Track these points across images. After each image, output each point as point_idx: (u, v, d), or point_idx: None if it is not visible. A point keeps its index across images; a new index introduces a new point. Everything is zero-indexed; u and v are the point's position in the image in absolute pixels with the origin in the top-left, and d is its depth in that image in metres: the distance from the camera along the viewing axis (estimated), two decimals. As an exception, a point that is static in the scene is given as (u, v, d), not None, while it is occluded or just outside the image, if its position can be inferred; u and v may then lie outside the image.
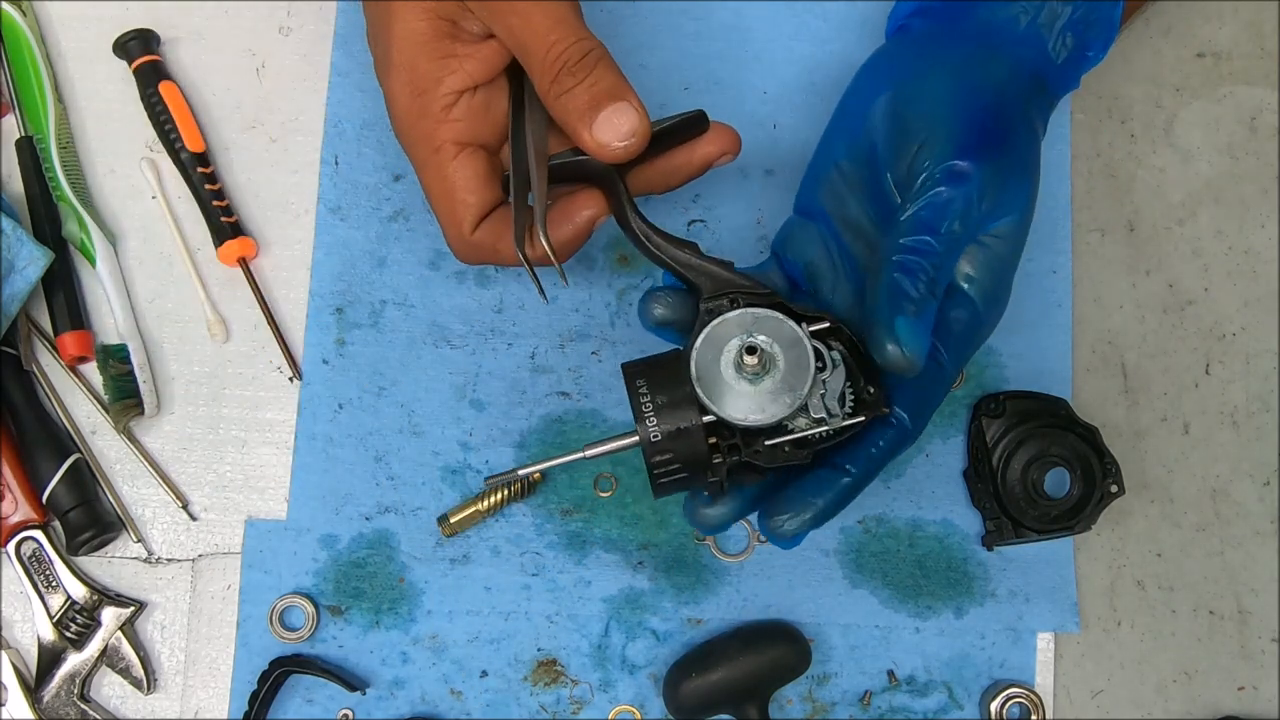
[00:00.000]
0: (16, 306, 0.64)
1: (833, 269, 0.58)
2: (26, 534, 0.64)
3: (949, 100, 0.55)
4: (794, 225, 0.61)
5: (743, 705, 0.62)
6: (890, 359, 0.51)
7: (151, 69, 0.67)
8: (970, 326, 0.55)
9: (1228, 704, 0.66)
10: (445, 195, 0.56)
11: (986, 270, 0.55)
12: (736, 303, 0.53)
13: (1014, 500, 0.65)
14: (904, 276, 0.52)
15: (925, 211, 0.53)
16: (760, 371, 0.52)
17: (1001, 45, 0.58)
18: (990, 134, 0.55)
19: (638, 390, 0.52)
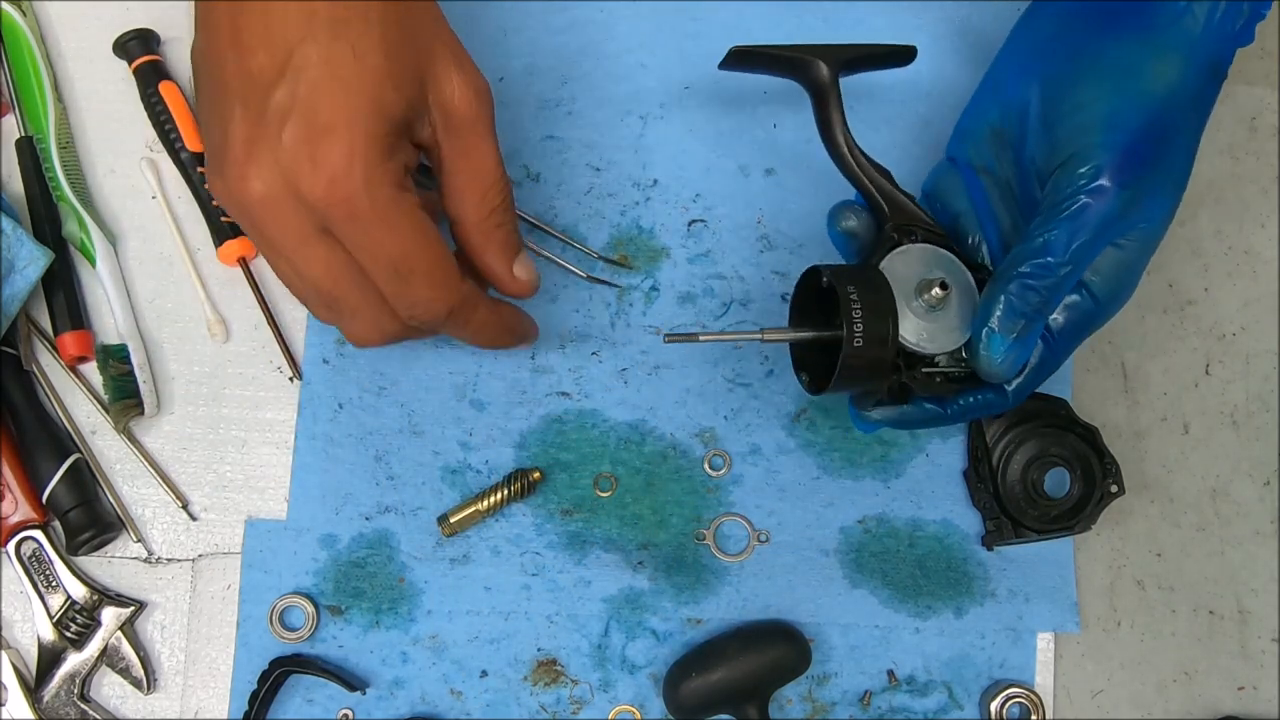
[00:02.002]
0: (16, 306, 0.64)
1: (977, 224, 0.59)
2: (26, 534, 0.64)
3: (1103, 115, 0.54)
4: (943, 172, 0.61)
5: (743, 705, 0.62)
6: (978, 367, 0.55)
7: (151, 69, 0.67)
8: (1086, 317, 0.57)
9: (1228, 704, 0.66)
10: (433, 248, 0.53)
11: (1114, 269, 0.56)
12: (916, 236, 0.57)
13: (1014, 500, 0.65)
14: (1016, 300, 0.54)
15: (1056, 233, 0.53)
16: (937, 305, 0.55)
17: (1174, 31, 0.55)
18: (1145, 154, 0.54)
19: (850, 296, 0.53)
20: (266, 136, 0.49)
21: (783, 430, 0.67)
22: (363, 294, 0.53)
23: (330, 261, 0.52)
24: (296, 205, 0.50)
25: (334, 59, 0.49)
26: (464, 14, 0.70)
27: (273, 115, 0.49)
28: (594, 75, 0.69)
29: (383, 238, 0.51)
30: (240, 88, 0.50)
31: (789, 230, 0.68)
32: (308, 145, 0.49)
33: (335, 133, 0.49)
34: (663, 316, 0.67)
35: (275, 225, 0.51)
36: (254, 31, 0.49)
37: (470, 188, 0.54)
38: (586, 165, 0.69)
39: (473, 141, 0.54)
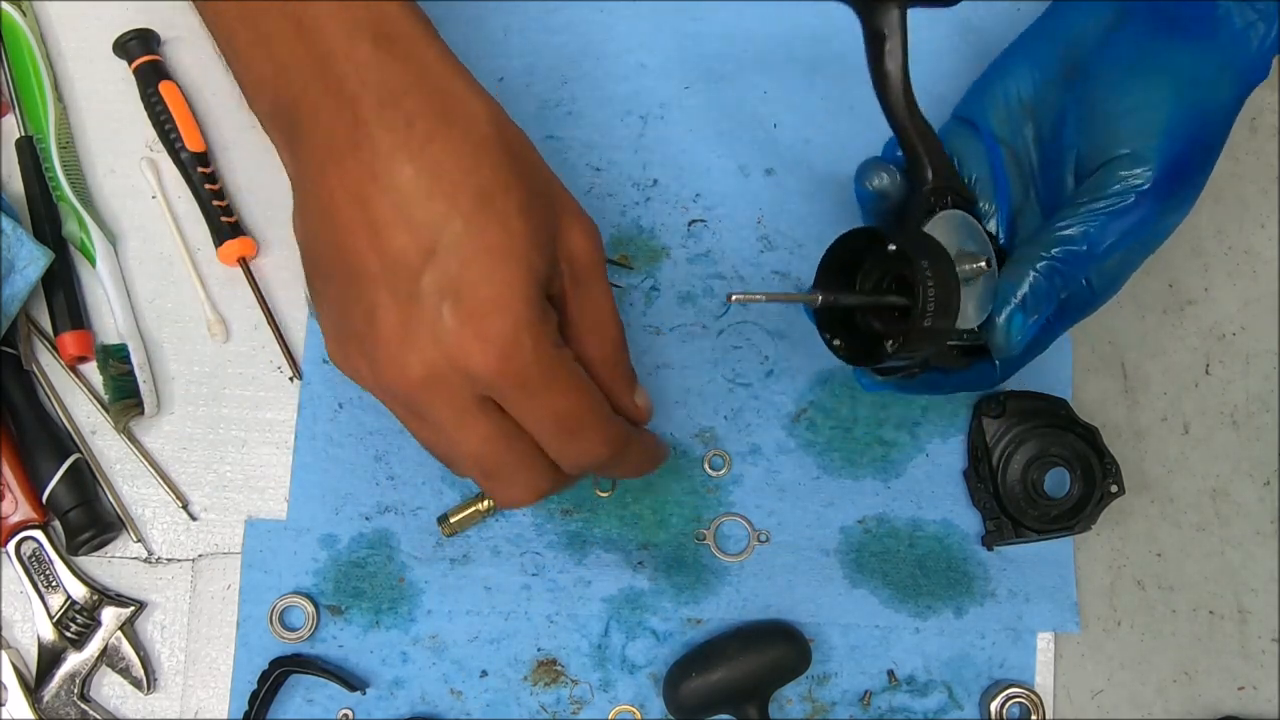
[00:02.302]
0: (16, 306, 0.64)
1: (992, 193, 0.59)
2: (26, 534, 0.64)
3: (1167, 120, 0.54)
4: (957, 134, 0.61)
5: (743, 705, 0.62)
6: (996, 343, 0.55)
7: (151, 69, 0.67)
8: (1080, 307, 0.57)
9: (1228, 704, 0.66)
10: (598, 399, 0.53)
11: (1117, 266, 0.57)
12: (949, 202, 0.55)
13: (1014, 500, 0.65)
14: (1044, 281, 0.54)
15: (1095, 227, 0.54)
16: (972, 279, 0.54)
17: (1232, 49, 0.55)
18: (1190, 166, 0.55)
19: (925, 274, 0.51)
20: (424, 318, 0.48)
21: (783, 430, 0.67)
22: (522, 457, 0.52)
23: (492, 431, 0.51)
24: (460, 382, 0.49)
25: (484, 233, 0.48)
26: (464, 14, 0.70)
27: (428, 297, 0.48)
28: (594, 75, 0.69)
29: (552, 399, 0.50)
30: (382, 272, 0.48)
31: (789, 230, 0.68)
32: (473, 323, 0.48)
33: (499, 306, 0.48)
34: (663, 316, 0.67)
35: (437, 405, 0.50)
36: (392, 216, 0.48)
37: (596, 330, 0.53)
38: (586, 165, 0.69)
39: (595, 286, 0.53)
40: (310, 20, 0.49)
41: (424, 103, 0.49)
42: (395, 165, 0.48)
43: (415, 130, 0.48)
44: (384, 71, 0.49)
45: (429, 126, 0.48)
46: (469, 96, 0.50)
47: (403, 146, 0.48)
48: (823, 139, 0.70)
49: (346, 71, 0.49)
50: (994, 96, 0.60)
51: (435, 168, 0.48)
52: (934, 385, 0.59)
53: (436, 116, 0.49)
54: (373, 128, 0.48)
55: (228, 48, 0.54)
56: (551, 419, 0.51)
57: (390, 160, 0.48)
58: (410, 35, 0.50)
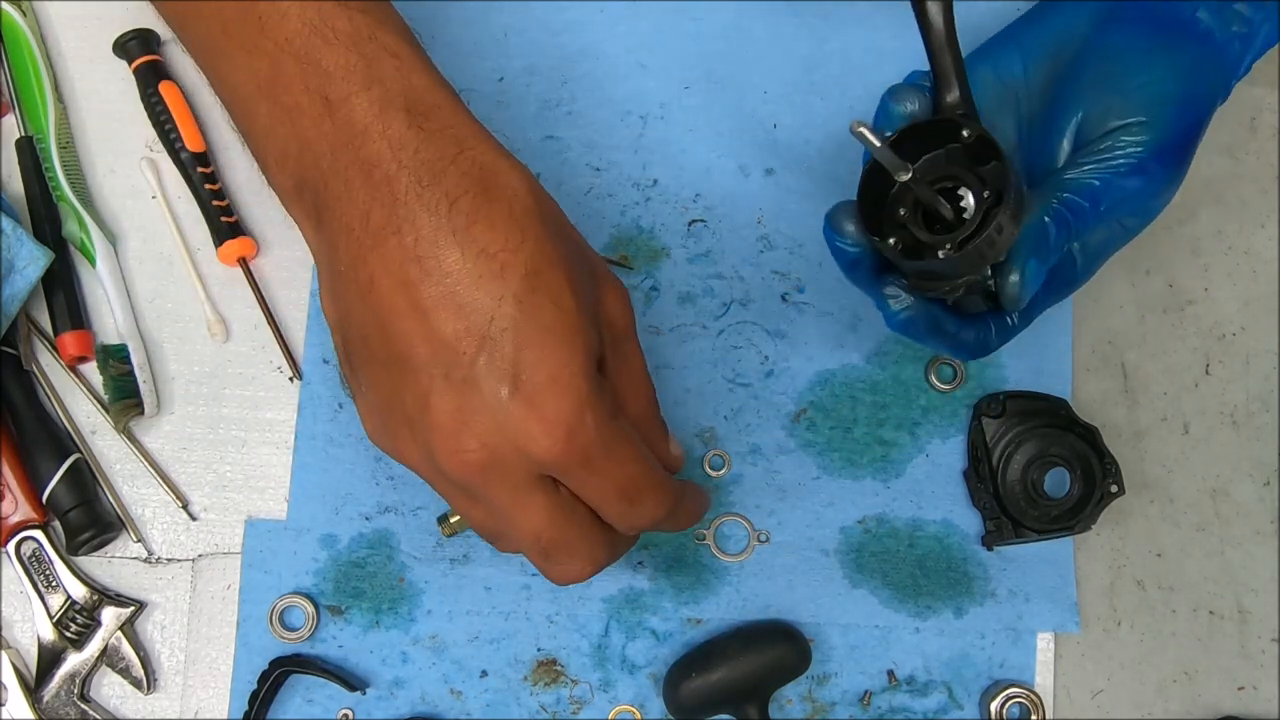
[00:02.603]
0: (16, 306, 0.64)
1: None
2: (26, 534, 0.64)
3: (1180, 91, 0.56)
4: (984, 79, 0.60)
5: (743, 705, 0.62)
6: (1008, 290, 0.53)
7: (151, 69, 0.67)
8: (1064, 283, 0.58)
9: (1228, 704, 0.66)
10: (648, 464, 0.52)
11: (1099, 243, 0.57)
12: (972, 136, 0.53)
13: (1014, 500, 0.65)
14: (1055, 224, 0.53)
15: (1100, 181, 0.54)
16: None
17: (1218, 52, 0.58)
18: (1190, 149, 0.57)
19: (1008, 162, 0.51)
20: (483, 404, 0.47)
21: (783, 430, 0.67)
22: (583, 530, 0.51)
23: (552, 509, 0.50)
24: (521, 464, 0.48)
25: (538, 314, 0.47)
26: (464, 14, 0.70)
27: (485, 381, 0.47)
28: (594, 75, 0.69)
29: (614, 471, 0.50)
30: (433, 358, 0.47)
31: (789, 230, 0.68)
32: (534, 405, 0.47)
33: (559, 386, 0.47)
34: (663, 317, 0.67)
35: (496, 488, 0.49)
36: (440, 301, 0.47)
37: (633, 389, 0.53)
38: (586, 165, 0.69)
39: (630, 347, 0.53)
40: (339, 97, 0.48)
41: (464, 180, 0.48)
42: (441, 249, 0.47)
43: (458, 210, 0.47)
44: (421, 149, 0.48)
45: (472, 205, 0.47)
46: (505, 168, 0.49)
47: (446, 228, 0.47)
48: (823, 139, 0.70)
49: (381, 150, 0.47)
50: (981, 77, 0.59)
51: (482, 249, 0.47)
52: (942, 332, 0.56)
53: (478, 194, 0.47)
54: (414, 209, 0.47)
55: (246, 123, 0.52)
56: (615, 490, 0.50)
57: (434, 244, 0.47)
58: (443, 108, 0.49)
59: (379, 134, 0.48)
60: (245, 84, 0.51)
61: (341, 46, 0.49)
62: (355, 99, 0.48)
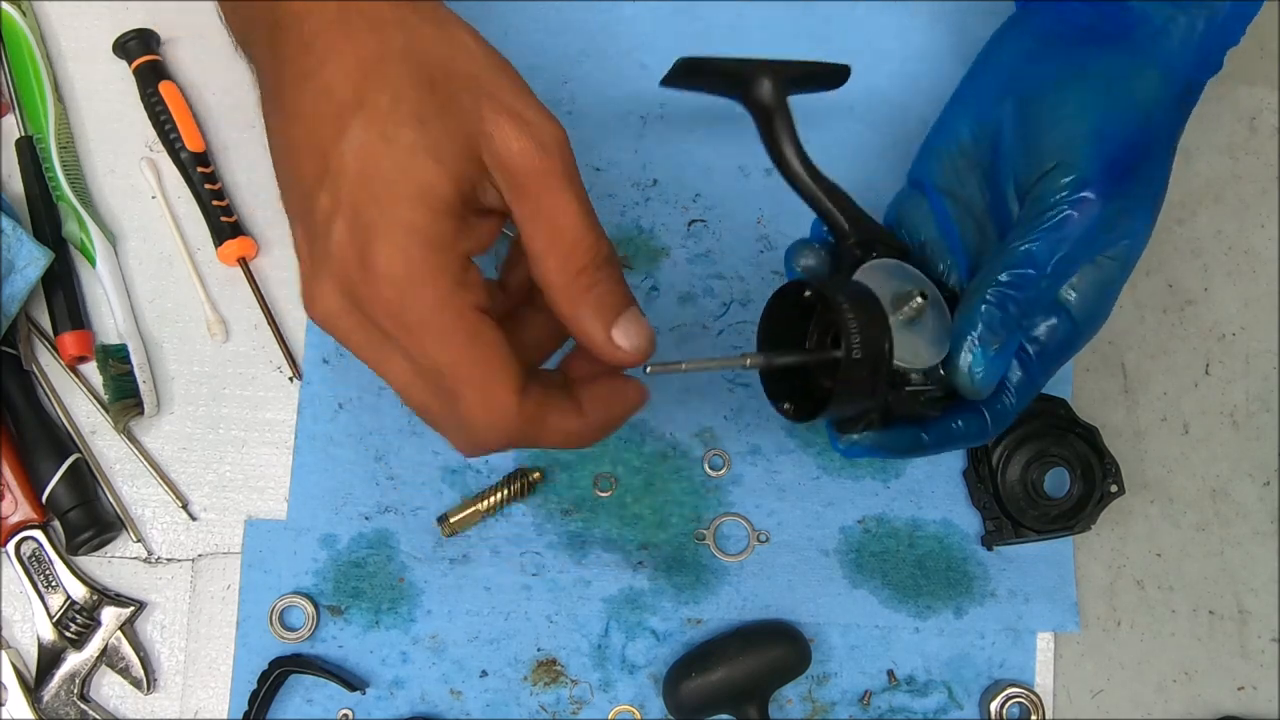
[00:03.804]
0: (16, 306, 0.64)
1: (946, 249, 0.58)
2: (26, 534, 0.64)
3: (1090, 125, 0.53)
4: (906, 199, 0.60)
5: (743, 705, 0.62)
6: (960, 384, 0.52)
7: (151, 69, 0.67)
8: (1065, 340, 0.55)
9: (1228, 704, 0.66)
10: (481, 364, 0.47)
11: (1093, 289, 0.55)
12: (879, 253, 0.55)
13: (1014, 500, 0.65)
14: (996, 310, 0.52)
15: (1038, 244, 0.52)
16: (916, 317, 0.53)
17: (1152, 47, 0.54)
18: (1128, 165, 0.53)
19: (845, 311, 0.50)
20: (320, 248, 0.46)
21: (783, 430, 0.67)
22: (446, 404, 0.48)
23: (404, 372, 0.47)
24: (361, 316, 0.46)
25: (366, 150, 0.45)
26: (464, 14, 0.69)
27: (321, 224, 0.46)
28: (594, 75, 0.69)
29: (430, 346, 0.46)
30: (296, 200, 0.47)
31: (789, 230, 0.68)
32: (354, 250, 0.45)
33: (377, 232, 0.45)
34: (663, 317, 0.67)
35: (349, 341, 0.47)
36: (298, 135, 0.46)
37: (550, 249, 0.48)
38: (586, 165, 0.68)
39: (545, 198, 0.48)
40: None
41: (329, 19, 0.47)
42: (300, 92, 0.46)
43: (314, 49, 0.46)
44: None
45: (328, 42, 0.46)
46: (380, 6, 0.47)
47: (305, 70, 0.46)
48: (823, 139, 0.69)
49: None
50: (936, 153, 0.59)
51: (328, 87, 0.46)
52: (916, 444, 0.55)
53: (337, 31, 0.46)
54: (292, 52, 0.47)
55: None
56: (432, 371, 0.47)
57: (297, 88, 0.46)
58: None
59: None
60: None
61: None
62: None
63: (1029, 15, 0.59)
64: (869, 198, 0.67)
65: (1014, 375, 0.55)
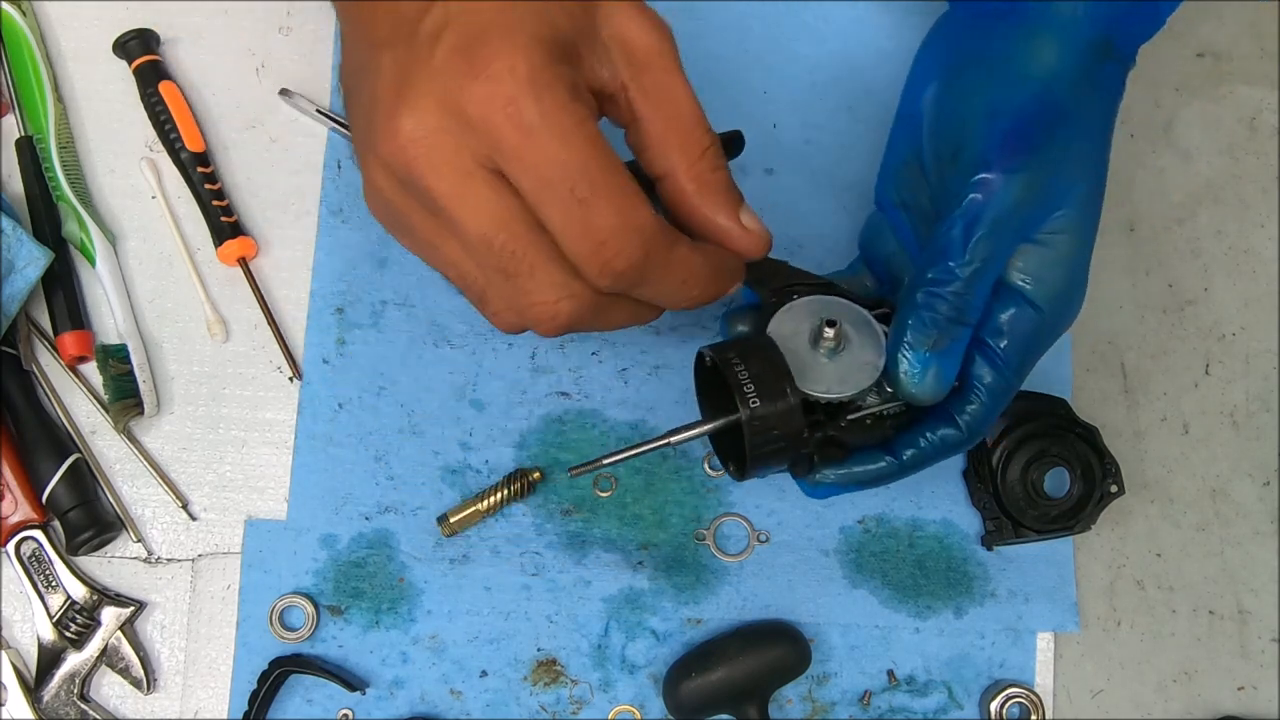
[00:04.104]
0: (16, 306, 0.64)
1: (909, 261, 0.58)
2: (26, 534, 0.64)
3: (982, 102, 0.52)
4: (871, 220, 0.61)
5: (743, 705, 0.62)
6: (904, 393, 0.52)
7: (151, 69, 0.67)
8: (1032, 329, 0.53)
9: (1228, 704, 0.66)
10: (612, 169, 0.45)
11: (1046, 268, 0.53)
12: (798, 294, 0.55)
13: (1014, 500, 0.65)
14: (922, 309, 0.51)
15: (950, 235, 0.51)
16: (836, 346, 0.53)
17: (1044, 15, 0.52)
18: (1032, 137, 0.51)
19: (734, 367, 0.50)
20: (418, 66, 0.44)
21: (783, 430, 0.67)
22: (540, 245, 0.45)
23: (499, 204, 0.45)
24: (457, 136, 0.44)
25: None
26: (464, 14, 0.70)
27: (424, 42, 0.44)
28: (594, 75, 0.69)
29: (556, 151, 0.43)
30: (389, 34, 0.45)
31: (789, 230, 0.68)
32: (464, 55, 0.43)
33: (494, 35, 0.43)
34: (663, 317, 0.67)
35: (435, 168, 0.44)
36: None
37: (671, 131, 0.47)
38: (586, 165, 0.69)
39: (664, 79, 0.47)
40: None
41: None
42: None
43: None
44: None
45: None
46: None
47: None
48: (823, 139, 0.70)
49: None
50: (887, 168, 0.59)
51: None
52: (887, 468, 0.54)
53: None
54: None
55: None
56: (561, 179, 0.44)
57: None
58: None
59: None
60: None
61: None
62: None
63: (950, 17, 0.59)
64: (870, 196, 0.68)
65: (984, 375, 0.54)
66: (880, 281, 0.60)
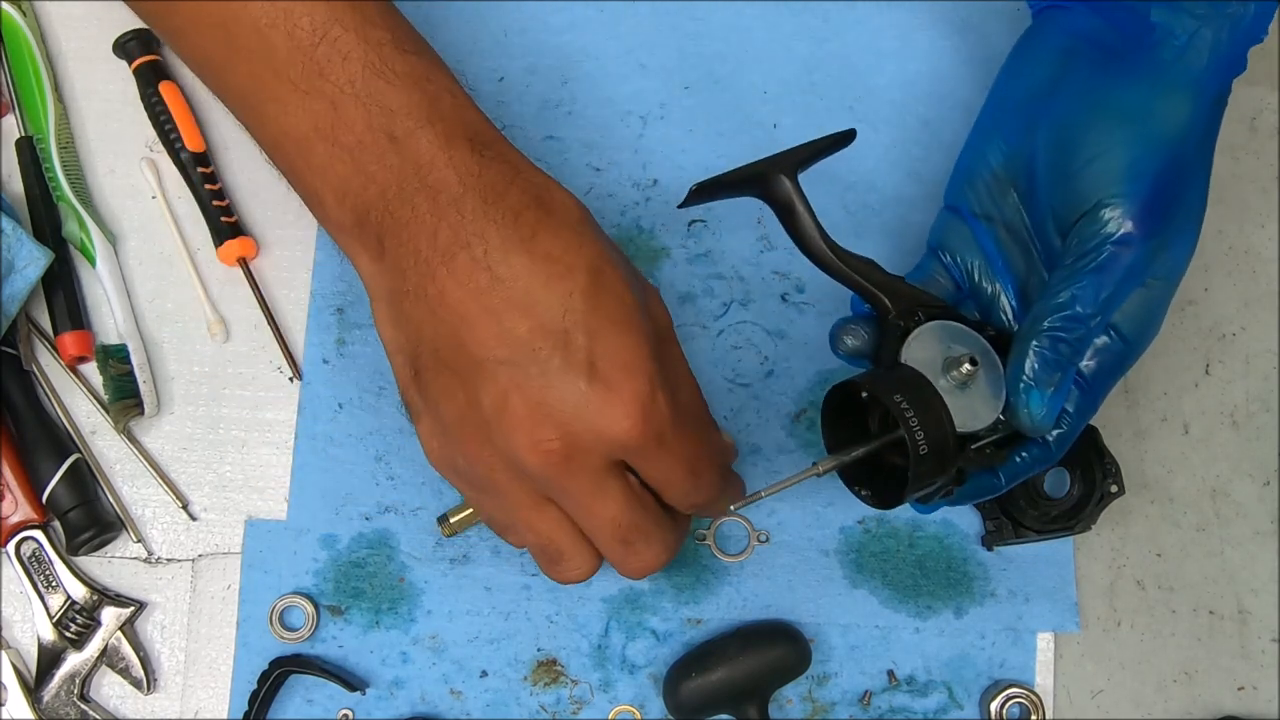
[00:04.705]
0: (16, 306, 0.64)
1: (992, 274, 0.59)
2: (26, 534, 0.64)
3: (1124, 162, 0.53)
4: (947, 225, 0.60)
5: (743, 705, 0.62)
6: (1024, 428, 0.54)
7: (151, 69, 0.67)
8: (1118, 359, 0.56)
9: (1228, 704, 0.66)
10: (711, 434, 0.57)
11: (1142, 309, 0.56)
12: (920, 317, 0.55)
13: (1014, 500, 0.65)
14: (1049, 353, 0.53)
15: (1083, 286, 0.53)
16: (968, 381, 0.54)
17: (1177, 67, 0.54)
18: (1167, 199, 0.54)
19: (899, 404, 0.51)
20: (560, 393, 0.49)
21: (783, 430, 0.67)
22: (654, 515, 0.55)
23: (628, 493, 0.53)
24: (598, 449, 0.51)
25: (605, 307, 0.50)
26: (464, 14, 0.70)
27: (561, 372, 0.49)
28: (594, 75, 0.69)
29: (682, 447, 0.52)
30: (510, 355, 0.50)
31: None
32: (611, 389, 0.50)
33: (632, 370, 0.50)
34: (663, 316, 0.67)
35: (577, 477, 0.51)
36: (513, 304, 0.49)
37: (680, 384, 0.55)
38: (586, 165, 0.69)
39: (673, 347, 0.55)
40: (404, 132, 0.51)
41: (524, 197, 0.51)
42: (510, 255, 0.50)
43: (523, 221, 0.50)
44: (484, 173, 0.51)
45: (534, 217, 0.51)
46: (556, 187, 0.53)
47: (514, 238, 0.50)
48: (823, 139, 0.70)
49: (448, 176, 0.51)
50: (970, 176, 0.59)
51: (547, 254, 0.50)
52: (991, 488, 0.57)
53: (538, 208, 0.51)
54: (482, 224, 0.50)
55: (300, 163, 0.53)
56: (684, 465, 0.52)
57: (504, 252, 0.50)
58: (499, 141, 0.53)
59: (445, 163, 0.51)
60: (299, 126, 0.52)
61: (404, 86, 0.52)
62: (420, 133, 0.51)
63: (1046, 31, 0.59)
64: (871, 198, 0.68)
65: (1071, 400, 0.56)
66: (958, 287, 0.60)
